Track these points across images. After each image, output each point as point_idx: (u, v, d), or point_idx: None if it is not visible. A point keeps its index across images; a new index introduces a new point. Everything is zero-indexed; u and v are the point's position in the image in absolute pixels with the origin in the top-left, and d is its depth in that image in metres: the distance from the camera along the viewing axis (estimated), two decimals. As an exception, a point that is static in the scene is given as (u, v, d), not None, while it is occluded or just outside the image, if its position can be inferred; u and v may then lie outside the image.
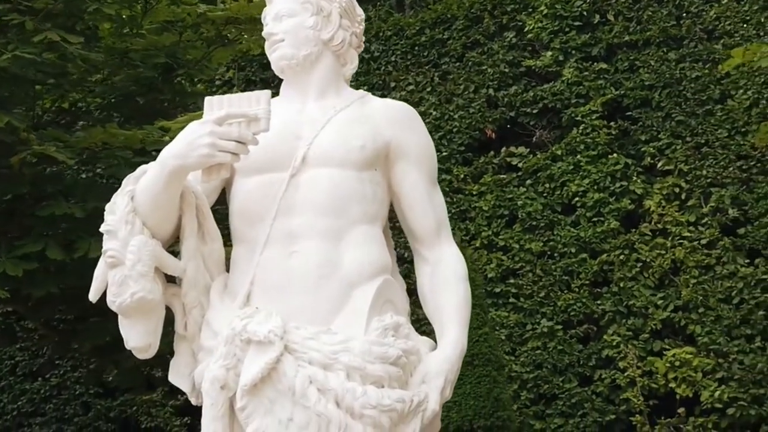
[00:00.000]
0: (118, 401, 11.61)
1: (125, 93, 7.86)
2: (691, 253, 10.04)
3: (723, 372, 9.63)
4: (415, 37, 11.85)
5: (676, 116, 10.49)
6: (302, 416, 3.18)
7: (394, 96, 11.34)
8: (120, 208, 3.40)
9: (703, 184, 10.23)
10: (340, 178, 3.51)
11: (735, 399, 9.52)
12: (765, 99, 10.22)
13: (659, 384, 9.76)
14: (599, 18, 11.12)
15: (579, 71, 10.95)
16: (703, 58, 10.63)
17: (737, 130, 10.27)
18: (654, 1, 11.01)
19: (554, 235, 10.52)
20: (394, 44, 11.94)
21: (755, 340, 9.68)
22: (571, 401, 9.94)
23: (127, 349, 3.53)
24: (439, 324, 3.55)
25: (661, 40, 10.85)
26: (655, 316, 9.97)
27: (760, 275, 9.79)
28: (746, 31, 10.54)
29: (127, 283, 3.34)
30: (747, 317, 9.74)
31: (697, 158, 10.32)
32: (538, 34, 11.22)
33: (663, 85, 10.62)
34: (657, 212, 10.28)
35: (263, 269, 3.42)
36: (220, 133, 3.27)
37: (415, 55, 11.86)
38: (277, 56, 3.76)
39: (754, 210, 9.99)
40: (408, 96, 11.49)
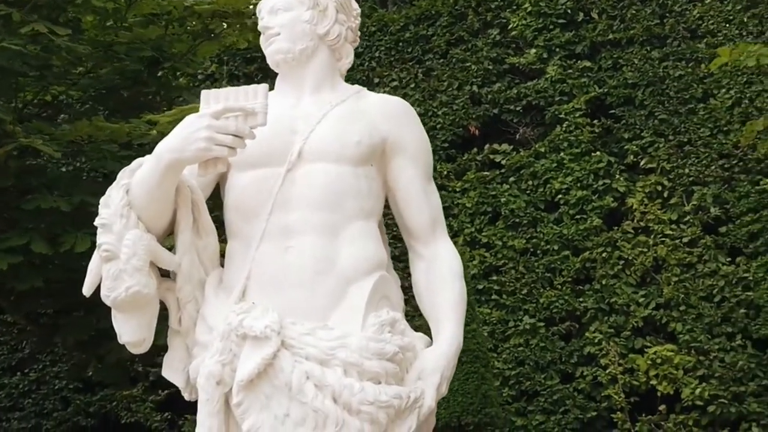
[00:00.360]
0: (97, 396, 11.54)
1: (109, 86, 7.79)
2: (673, 251, 10.09)
3: (704, 369, 9.69)
4: (399, 34, 11.83)
5: (659, 115, 10.54)
6: (299, 412, 3.17)
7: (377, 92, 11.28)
8: (115, 201, 3.37)
9: (685, 182, 10.28)
10: (335, 173, 3.49)
11: (716, 396, 9.58)
12: (747, 98, 10.28)
13: (640, 381, 9.81)
14: (583, 16, 11.15)
15: (563, 69, 10.98)
16: (686, 57, 10.68)
17: (719, 129, 10.32)
18: (638, 0, 11.04)
19: (537, 232, 10.55)
20: (378, 40, 11.92)
21: (736, 338, 9.74)
22: (553, 398, 9.97)
23: (120, 343, 3.50)
24: (435, 320, 3.54)
25: (645, 39, 10.89)
26: (636, 314, 10.02)
27: (741, 273, 9.85)
28: (729, 30, 10.60)
29: (121, 277, 3.30)
30: (728, 315, 9.80)
31: (679, 157, 10.37)
32: (522, 31, 11.23)
33: (646, 83, 10.66)
34: (639, 210, 10.32)
35: (259, 264, 3.40)
36: (217, 126, 3.24)
37: (399, 52, 11.85)
38: (273, 50, 3.73)
39: (736, 209, 10.05)
40: (392, 92, 11.46)
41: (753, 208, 9.98)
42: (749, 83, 10.33)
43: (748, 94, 10.30)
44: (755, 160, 10.10)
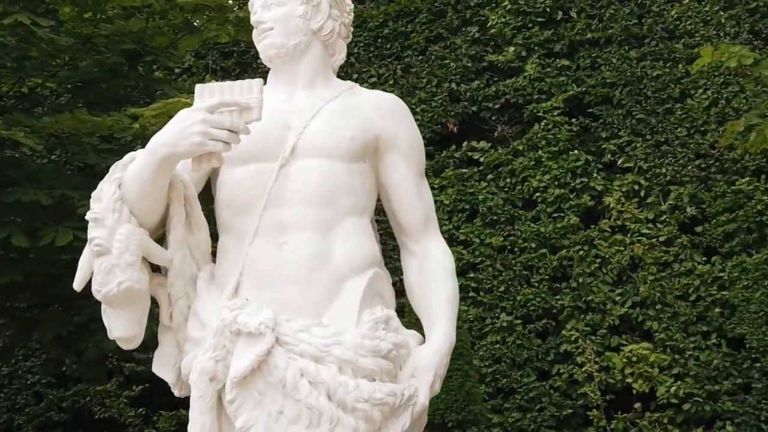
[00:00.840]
0: (71, 391, 11.44)
1: (88, 78, 7.71)
2: (650, 250, 10.14)
3: (679, 368, 9.76)
4: (378, 30, 11.81)
5: (636, 114, 10.59)
6: (293, 409, 3.15)
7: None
8: (107, 195, 3.33)
9: (662, 182, 10.34)
10: (329, 169, 3.48)
11: (690, 395, 9.65)
12: (724, 99, 10.36)
13: (616, 379, 9.87)
14: (562, 15, 11.18)
15: (541, 67, 11.00)
16: (664, 57, 10.73)
17: (696, 129, 10.39)
18: (616, 0, 11.09)
19: (514, 230, 10.57)
20: (357, 36, 11.88)
21: (711, 337, 9.82)
22: (529, 395, 10.01)
23: (110, 339, 3.46)
24: (428, 318, 3.54)
25: (623, 39, 10.94)
26: (613, 312, 10.07)
27: (717, 273, 9.92)
28: (707, 31, 10.67)
29: (113, 272, 3.27)
30: (703, 314, 9.88)
31: (656, 156, 10.43)
32: (501, 29, 11.25)
33: (624, 83, 10.71)
34: (616, 209, 10.37)
35: (252, 260, 3.38)
36: (212, 121, 3.21)
37: (378, 48, 11.83)
38: (266, 45, 3.71)
39: (712, 208, 10.12)
40: (370, 88, 11.42)
41: (729, 208, 10.06)
42: (726, 84, 10.40)
43: (724, 94, 10.37)
44: (731, 160, 10.17)
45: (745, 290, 9.75)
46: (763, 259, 9.78)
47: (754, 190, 10.01)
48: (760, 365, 9.59)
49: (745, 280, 9.77)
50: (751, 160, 10.09)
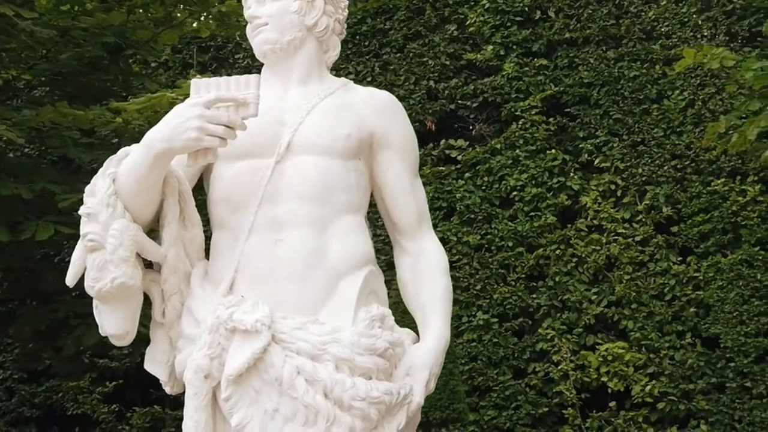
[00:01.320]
0: (43, 387, 11.34)
1: (66, 72, 7.64)
2: (626, 249, 10.20)
3: (654, 367, 9.83)
4: (356, 26, 11.79)
5: (613, 114, 10.64)
6: (289, 407, 3.13)
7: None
8: (101, 190, 3.29)
9: (638, 182, 10.40)
10: (326, 166, 3.46)
11: (665, 394, 9.72)
12: (700, 100, 10.43)
13: (591, 378, 9.91)
14: (540, 14, 11.21)
15: (519, 66, 11.03)
16: (641, 57, 10.79)
17: (672, 130, 10.46)
18: (594, 0, 11.13)
19: (492, 228, 10.59)
20: (335, 32, 11.84)
21: (686, 337, 9.89)
22: (505, 393, 10.03)
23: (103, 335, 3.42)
24: (422, 316, 3.53)
25: (601, 39, 10.98)
26: (588, 311, 10.12)
27: (692, 273, 10.00)
28: (684, 32, 10.73)
29: (107, 267, 3.23)
30: (678, 314, 9.95)
31: (633, 156, 10.49)
32: (480, 27, 11.26)
33: (601, 83, 10.76)
34: (593, 208, 10.42)
35: (248, 257, 3.36)
36: (208, 116, 3.19)
37: (356, 45, 11.81)
38: (261, 40, 3.68)
39: (687, 209, 10.19)
40: (350, 85, 11.40)
41: (704, 209, 10.13)
42: (702, 86, 10.47)
43: (701, 96, 10.44)
44: (707, 161, 10.25)
45: (720, 290, 9.83)
46: (737, 259, 9.86)
47: (729, 191, 10.09)
48: (734, 365, 9.67)
49: (719, 281, 9.85)
50: (726, 161, 10.16)
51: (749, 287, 9.79)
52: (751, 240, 9.91)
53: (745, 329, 9.71)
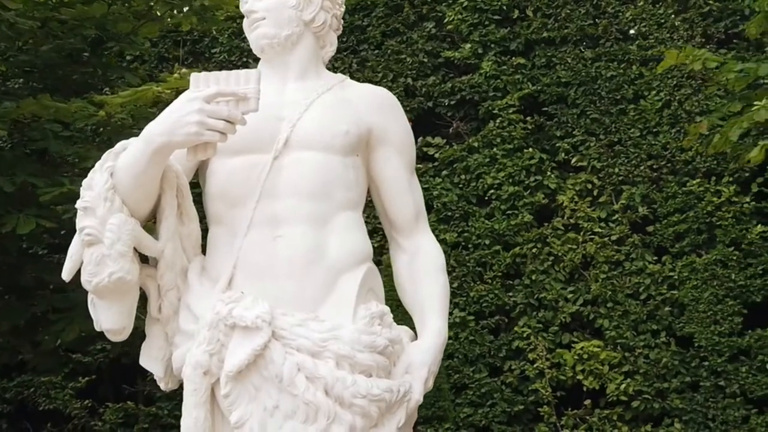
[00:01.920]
0: (14, 382, 11.20)
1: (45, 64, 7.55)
2: (602, 248, 10.25)
3: (629, 366, 9.88)
4: (333, 23, 11.73)
5: (590, 114, 10.68)
6: (289, 404, 3.13)
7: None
8: (99, 184, 3.26)
9: (614, 181, 10.45)
10: (324, 162, 3.46)
11: (640, 392, 9.78)
12: (676, 101, 10.49)
13: (567, 376, 9.95)
14: (518, 13, 11.21)
15: (497, 65, 11.04)
16: (618, 58, 10.83)
17: (649, 130, 10.51)
18: (572, 0, 11.17)
19: (469, 226, 10.61)
20: (313, 28, 11.80)
21: (660, 335, 9.95)
22: (481, 391, 10.05)
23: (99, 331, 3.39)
24: (420, 314, 3.54)
25: (578, 39, 11.02)
26: (564, 310, 10.15)
27: (667, 272, 10.06)
28: (660, 33, 10.79)
29: (105, 262, 3.21)
30: (653, 313, 10.01)
31: (609, 156, 10.54)
32: (458, 25, 11.25)
33: (579, 82, 10.79)
34: (569, 207, 10.45)
35: (246, 253, 3.34)
36: (209, 111, 3.17)
37: (333, 41, 11.74)
38: (258, 35, 3.67)
39: (663, 209, 10.25)
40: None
41: (679, 209, 10.20)
42: (679, 86, 10.53)
43: (677, 96, 10.51)
44: (683, 161, 10.31)
45: (695, 290, 9.90)
46: (712, 259, 9.94)
47: (705, 192, 10.17)
48: (708, 364, 9.75)
49: (694, 280, 9.93)
50: (701, 162, 10.24)
51: (723, 287, 9.87)
52: (725, 240, 10.00)
53: (719, 329, 9.79)
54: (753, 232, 9.97)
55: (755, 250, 9.94)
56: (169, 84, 5.84)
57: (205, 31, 11.65)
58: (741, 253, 9.97)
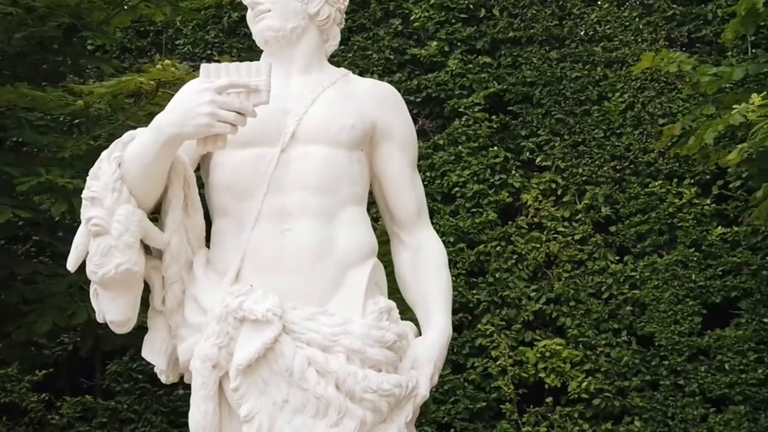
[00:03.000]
0: (-32, 375, 11.03)
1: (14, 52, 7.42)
2: (565, 247, 10.34)
3: (590, 364, 9.99)
4: (299, 17, 11.69)
5: (555, 114, 10.76)
6: (299, 398, 3.12)
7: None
8: (106, 174, 3.22)
9: (578, 181, 10.55)
10: (332, 156, 3.45)
11: (601, 390, 9.89)
12: (640, 103, 10.62)
13: (529, 373, 10.03)
14: (485, 12, 11.26)
15: (463, 63, 11.08)
16: (583, 59, 10.93)
17: (612, 132, 10.63)
18: (538, 1, 11.24)
19: (433, 224, 10.38)
20: (278, 22, 11.75)
21: (622, 334, 10.07)
22: (444, 388, 10.08)
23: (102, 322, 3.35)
24: (424, 310, 3.55)
25: (544, 39, 11.09)
26: (527, 308, 10.23)
27: (629, 272, 10.18)
28: (625, 36, 10.91)
29: (112, 253, 3.18)
30: (615, 312, 10.12)
31: (573, 156, 10.63)
32: (424, 23, 11.27)
33: (544, 82, 10.87)
34: (534, 206, 10.53)
35: (255, 246, 3.33)
36: (221, 102, 3.15)
37: (299, 35, 11.71)
38: (263, 27, 3.65)
39: (625, 209, 10.37)
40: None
41: (641, 210, 10.33)
42: (642, 89, 10.66)
43: (640, 99, 10.63)
44: (645, 163, 10.44)
45: (656, 290, 10.04)
46: (673, 260, 10.08)
47: (666, 193, 10.30)
48: (668, 363, 9.89)
49: (655, 280, 10.06)
50: (664, 164, 10.38)
51: (684, 287, 10.02)
52: (686, 241, 10.14)
53: (678, 328, 9.94)
54: (713, 233, 10.12)
55: (715, 251, 10.10)
56: (151, 75, 5.77)
57: (168, 22, 11.54)
58: (701, 254, 10.12)
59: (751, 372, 9.78)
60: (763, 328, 9.88)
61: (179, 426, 10.46)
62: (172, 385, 11.01)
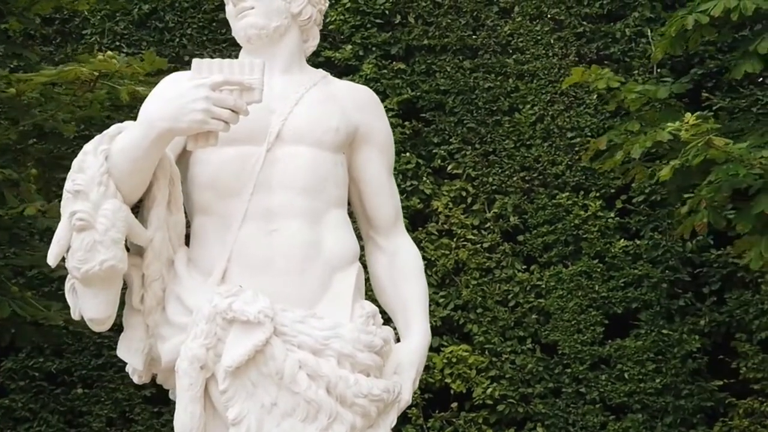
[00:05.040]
0: None
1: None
2: (474, 255, 10.47)
3: (496, 370, 10.14)
4: (213, 13, 11.54)
5: (467, 123, 10.89)
6: (288, 402, 3.09)
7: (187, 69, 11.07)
8: (92, 167, 3.13)
9: (488, 190, 10.70)
10: (318, 158, 3.44)
11: (505, 396, 10.05)
12: (549, 116, 10.83)
13: (435, 379, 10.12)
14: (400, 18, 11.33)
15: (378, 68, 11.11)
16: (495, 70, 11.09)
17: (522, 143, 10.81)
18: (452, 10, 11.36)
19: (344, 227, 10.61)
20: (191, 17, 11.56)
21: (526, 342, 10.25)
22: (350, 391, 10.07)
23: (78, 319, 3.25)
24: (403, 315, 3.56)
25: (458, 48, 11.21)
26: (435, 314, 10.30)
27: (535, 281, 10.38)
28: (537, 49, 11.12)
29: (96, 249, 3.09)
30: (520, 320, 10.30)
31: (484, 165, 10.78)
32: (340, 26, 11.26)
33: (457, 91, 10.99)
34: (444, 213, 10.63)
35: (242, 246, 3.28)
36: (215, 99, 3.10)
37: (213, 32, 11.55)
38: (247, 24, 3.60)
39: (533, 219, 10.57)
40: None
41: (549, 220, 10.54)
42: (552, 102, 10.88)
43: (550, 112, 10.85)
44: (553, 175, 10.66)
45: (560, 299, 10.26)
46: (577, 270, 10.32)
47: (573, 205, 10.54)
48: (570, 371, 10.11)
49: (560, 290, 10.28)
50: (571, 176, 10.62)
51: (587, 297, 10.27)
52: (590, 253, 10.40)
53: (581, 337, 10.18)
54: (616, 246, 10.41)
55: (617, 263, 10.38)
56: (93, 65, 5.62)
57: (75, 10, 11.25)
58: (604, 266, 10.39)
59: (649, 381, 10.08)
60: (662, 339, 10.21)
61: (77, 426, 10.21)
62: (69, 383, 10.76)
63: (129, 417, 10.21)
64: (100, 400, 10.22)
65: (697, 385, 10.15)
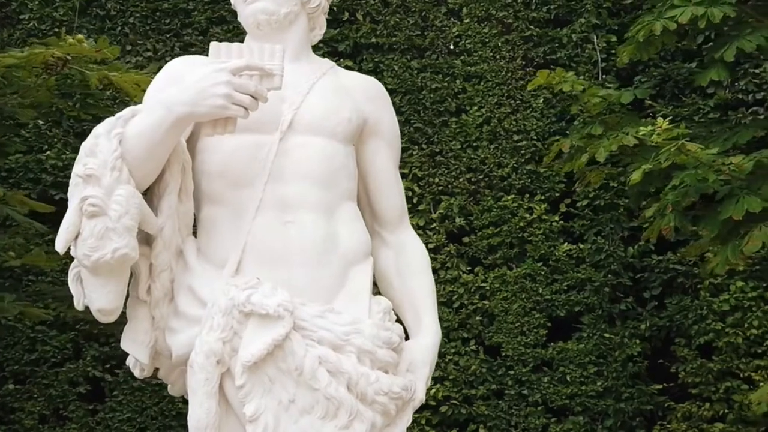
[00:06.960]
0: None
1: None
2: (419, 255, 10.41)
3: (439, 371, 10.09)
4: (156, 3, 11.29)
5: (414, 123, 10.85)
6: (307, 398, 3.00)
7: (129, 60, 10.83)
8: (105, 151, 3.00)
9: (434, 191, 10.67)
10: (331, 149, 3.36)
11: (448, 398, 10.03)
12: (496, 119, 10.85)
13: (379, 379, 10.04)
14: (348, 15, 11.25)
15: (316, 64, 10.98)
16: (443, 71, 11.07)
17: (469, 144, 10.81)
18: (401, 9, 11.31)
19: (289, 224, 10.48)
20: (134, 5, 11.30)
21: (470, 344, 10.25)
22: (293, 390, 9.96)
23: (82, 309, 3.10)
24: (413, 311, 3.49)
25: (406, 48, 11.16)
26: (380, 313, 10.24)
27: (480, 283, 10.38)
28: (484, 52, 11.13)
29: (109, 236, 2.96)
30: (465, 321, 10.29)
31: (430, 165, 10.75)
32: (287, 21, 11.13)
33: (404, 91, 10.94)
34: (390, 213, 10.56)
35: (256, 237, 3.17)
36: (236, 84, 3.00)
37: (156, 21, 11.31)
38: (257, 9, 3.49)
39: (479, 221, 10.57)
40: (145, 62, 10.94)
41: (494, 222, 10.55)
42: (499, 104, 10.90)
43: (497, 114, 10.87)
44: (499, 177, 10.68)
45: (504, 301, 10.28)
46: (522, 273, 10.35)
47: (518, 208, 10.57)
48: (513, 373, 10.14)
49: (504, 292, 10.30)
50: (517, 178, 10.65)
51: (531, 300, 10.31)
52: (535, 255, 10.44)
53: (525, 339, 10.22)
54: (560, 249, 10.46)
55: (561, 266, 10.44)
56: (64, 49, 5.43)
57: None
58: (548, 269, 10.43)
59: (590, 384, 10.16)
60: (603, 342, 10.30)
61: (8, 423, 9.91)
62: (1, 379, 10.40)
63: (63, 414, 9.92)
64: (33, 396, 9.91)
65: (637, 388, 10.26)
